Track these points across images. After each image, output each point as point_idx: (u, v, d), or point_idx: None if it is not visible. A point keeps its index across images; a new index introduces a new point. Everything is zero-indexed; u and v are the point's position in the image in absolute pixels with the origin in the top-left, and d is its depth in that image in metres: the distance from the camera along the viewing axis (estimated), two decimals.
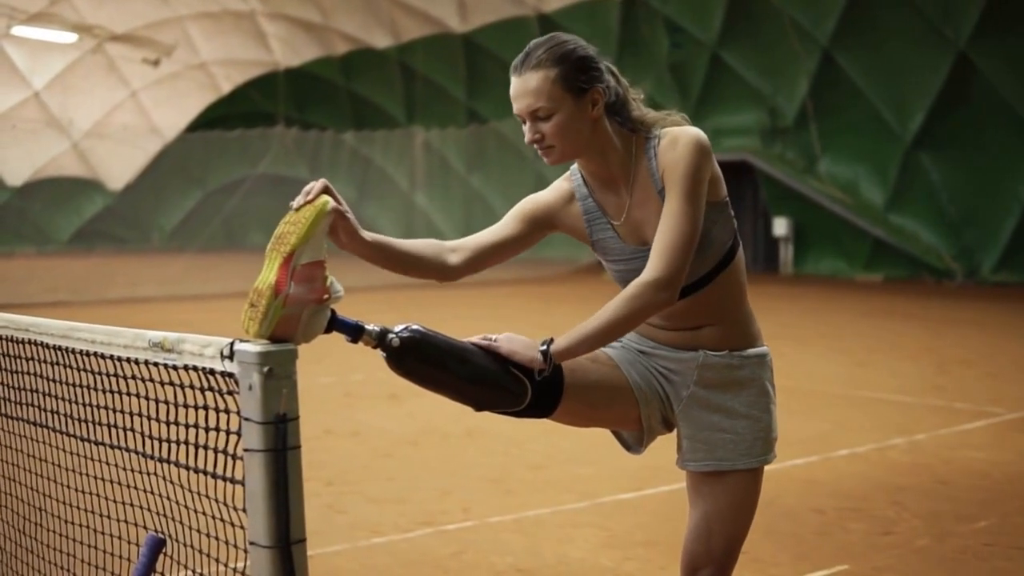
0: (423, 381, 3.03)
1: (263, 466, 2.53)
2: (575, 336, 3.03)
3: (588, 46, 3.10)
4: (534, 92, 3.04)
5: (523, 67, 3.06)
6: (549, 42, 3.07)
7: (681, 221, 2.99)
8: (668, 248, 2.98)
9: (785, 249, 27.28)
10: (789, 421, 9.10)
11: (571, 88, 3.03)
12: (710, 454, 3.28)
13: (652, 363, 3.33)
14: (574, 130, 3.07)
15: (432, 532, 6.26)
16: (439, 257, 3.18)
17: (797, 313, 18.53)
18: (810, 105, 26.20)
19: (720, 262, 3.18)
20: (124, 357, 2.99)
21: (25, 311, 14.84)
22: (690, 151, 3.03)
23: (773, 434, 3.32)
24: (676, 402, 3.31)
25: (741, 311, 3.29)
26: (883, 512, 6.55)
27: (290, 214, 2.80)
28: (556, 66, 3.02)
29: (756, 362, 3.29)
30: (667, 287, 2.97)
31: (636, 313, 2.99)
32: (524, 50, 3.09)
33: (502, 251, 3.27)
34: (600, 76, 3.08)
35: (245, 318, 2.68)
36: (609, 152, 3.14)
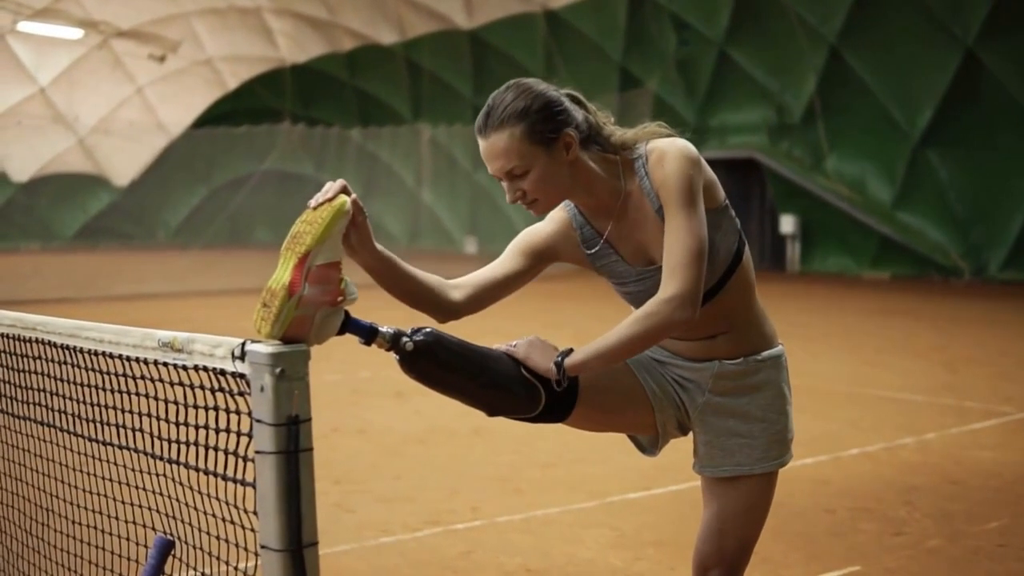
0: (436, 385, 2.99)
1: (275, 468, 2.50)
2: (591, 351, 2.98)
3: (548, 89, 3.01)
4: (503, 153, 2.97)
5: (486, 128, 2.98)
6: (507, 97, 2.97)
7: (686, 236, 2.92)
8: (680, 265, 2.91)
9: (792, 247, 27.22)
10: (798, 420, 8.98)
11: (540, 141, 2.95)
12: (727, 459, 3.24)
13: (667, 371, 3.30)
14: (553, 180, 3.00)
15: (441, 531, 6.23)
16: (442, 292, 3.09)
17: (804, 311, 18.47)
18: (817, 102, 26.13)
19: (728, 268, 3.13)
20: (133, 357, 2.95)
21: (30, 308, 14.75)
22: (679, 165, 2.97)
23: (789, 435, 3.29)
24: (692, 408, 3.28)
25: (754, 312, 3.25)
26: (894, 512, 6.51)
27: (307, 212, 2.75)
28: (520, 122, 2.94)
29: (772, 364, 3.26)
30: (686, 304, 2.91)
31: (656, 331, 2.93)
32: (484, 108, 3.00)
33: (505, 287, 3.20)
34: (567, 118, 2.99)
35: (257, 318, 2.64)
36: (595, 185, 3.07)
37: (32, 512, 3.72)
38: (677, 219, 2.94)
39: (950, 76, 23.77)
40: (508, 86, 3.02)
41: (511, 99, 2.96)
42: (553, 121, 2.96)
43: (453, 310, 3.12)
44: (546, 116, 2.95)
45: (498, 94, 3.00)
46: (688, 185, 2.95)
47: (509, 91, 2.99)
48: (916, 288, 22.68)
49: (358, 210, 2.76)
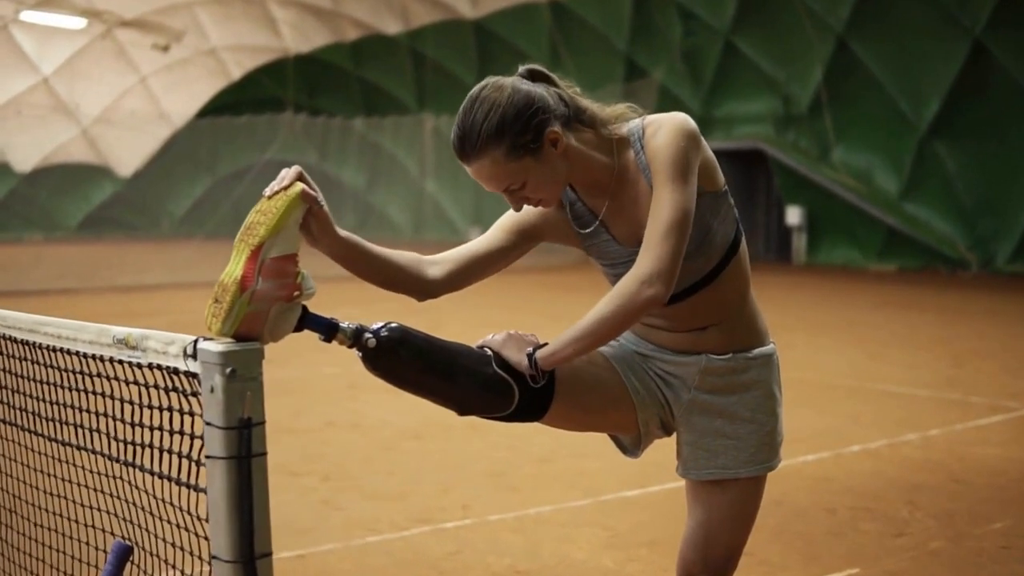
0: (401, 383, 2.83)
1: (225, 474, 2.38)
2: (562, 340, 2.81)
3: (515, 92, 2.78)
4: (491, 176, 2.81)
5: (466, 157, 2.80)
6: (477, 118, 2.76)
7: (669, 209, 2.74)
8: (657, 239, 2.74)
9: (798, 238, 27.03)
10: (800, 415, 8.93)
11: (525, 153, 2.77)
12: (712, 461, 3.07)
13: (651, 366, 3.12)
14: (551, 177, 2.84)
15: (430, 530, 6.07)
16: (417, 270, 2.94)
17: (809, 303, 18.32)
18: (824, 93, 25.94)
19: (724, 256, 2.95)
20: (90, 354, 2.81)
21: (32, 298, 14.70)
22: (674, 135, 2.79)
23: (779, 438, 3.12)
24: (676, 407, 3.10)
25: (747, 307, 3.07)
26: (896, 512, 6.34)
27: (261, 202, 2.60)
28: (498, 143, 2.75)
29: (762, 363, 3.08)
30: (657, 281, 2.72)
31: (626, 313, 2.75)
32: (456, 132, 2.80)
33: (487, 264, 3.04)
34: (546, 117, 2.79)
35: (208, 314, 2.49)
36: (591, 165, 2.89)
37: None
38: (663, 191, 2.77)
39: (958, 67, 23.59)
40: (472, 101, 2.79)
41: (482, 119, 2.75)
42: (532, 128, 2.76)
43: (431, 288, 2.97)
44: (523, 126, 2.76)
45: (465, 117, 2.79)
46: (680, 157, 2.77)
47: (476, 110, 2.77)
48: (923, 280, 22.50)
49: (313, 201, 2.59)
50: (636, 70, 29.68)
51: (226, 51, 40.18)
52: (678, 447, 3.15)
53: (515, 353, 2.85)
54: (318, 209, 2.63)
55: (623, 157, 2.90)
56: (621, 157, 2.90)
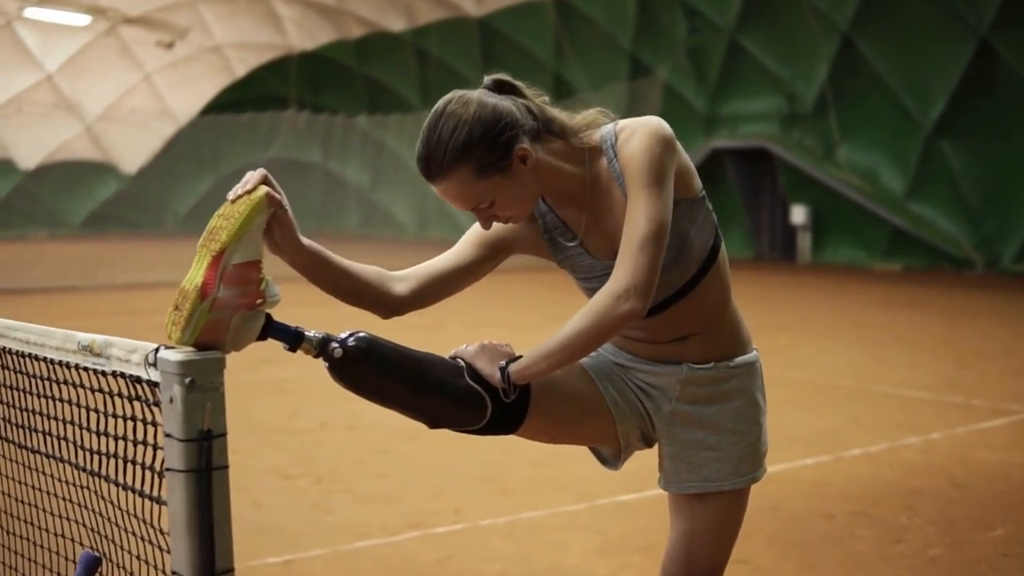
0: (369, 394, 2.74)
1: (185, 487, 2.32)
2: (535, 354, 2.71)
3: (480, 107, 2.66)
4: (459, 196, 2.71)
5: (431, 177, 2.69)
6: (442, 136, 2.64)
7: (644, 220, 2.63)
8: (632, 251, 2.63)
9: (803, 237, 26.90)
10: (800, 418, 8.85)
11: (493, 170, 2.66)
12: (695, 474, 2.97)
13: (630, 376, 3.01)
14: (521, 194, 2.73)
15: (420, 535, 5.99)
16: (382, 286, 2.83)
17: (813, 303, 18.22)
18: (829, 91, 25.81)
19: (703, 265, 2.85)
20: (56, 360, 2.74)
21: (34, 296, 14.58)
22: (648, 141, 2.68)
23: (763, 448, 3.02)
24: (657, 418, 3.00)
25: (728, 315, 2.97)
26: (895, 518, 6.23)
27: (224, 206, 2.51)
28: (465, 162, 2.63)
29: (745, 371, 2.98)
30: (633, 296, 2.61)
31: (601, 329, 2.65)
32: (420, 152, 2.68)
33: (455, 280, 2.94)
34: (514, 133, 2.67)
35: (168, 322, 2.40)
36: (562, 177, 2.78)
37: None
38: (637, 200, 2.65)
39: (963, 66, 23.45)
40: (437, 118, 2.67)
41: (447, 138, 2.63)
42: (500, 145, 2.65)
43: (396, 305, 2.86)
44: (491, 144, 2.64)
45: (429, 135, 2.67)
46: (655, 164, 2.66)
47: (441, 127, 2.65)
48: (927, 280, 22.37)
49: (276, 203, 2.50)
50: (641, 68, 29.56)
51: (230, 48, 40.12)
52: (660, 460, 3.05)
53: (488, 365, 2.76)
54: (283, 214, 2.53)
55: (595, 166, 2.79)
56: (593, 166, 2.79)
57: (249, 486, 6.99)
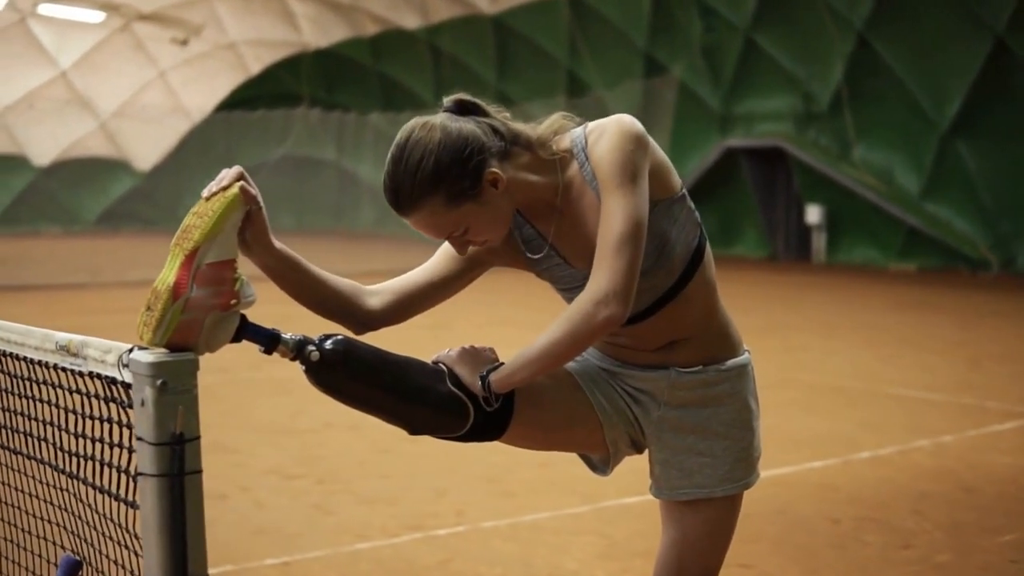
0: (347, 399, 2.66)
1: (156, 493, 2.27)
2: (515, 363, 2.64)
3: (446, 133, 2.57)
4: (432, 227, 2.63)
5: (401, 208, 2.61)
6: (409, 167, 2.56)
7: (619, 220, 2.54)
8: (609, 255, 2.54)
9: (818, 237, 26.77)
10: (810, 420, 8.76)
11: (464, 198, 2.58)
12: (686, 480, 2.89)
13: (618, 381, 2.93)
14: (494, 218, 2.65)
15: (421, 537, 5.91)
16: (355, 298, 2.76)
17: (827, 304, 18.09)
18: (845, 91, 25.67)
19: (688, 266, 2.77)
20: (35, 360, 2.68)
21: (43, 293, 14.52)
22: (617, 139, 2.59)
23: (756, 453, 2.94)
24: (646, 424, 2.91)
25: (717, 317, 2.88)
26: (903, 523, 6.14)
27: (199, 203, 2.45)
28: (435, 192, 2.55)
29: (736, 374, 2.89)
30: (613, 301, 2.52)
31: (581, 336, 2.56)
32: (388, 185, 2.61)
33: (430, 295, 2.86)
34: (483, 158, 2.58)
35: (140, 323, 2.34)
36: (535, 187, 2.70)
37: None
38: (611, 201, 2.57)
39: (979, 65, 23.30)
40: (401, 149, 2.58)
41: (413, 168, 2.54)
42: (468, 172, 2.56)
43: (369, 320, 2.80)
44: (460, 172, 2.55)
45: (396, 165, 2.58)
46: (626, 162, 2.57)
47: (407, 159, 2.56)
48: (942, 281, 22.23)
49: (252, 201, 2.43)
50: (655, 67, 29.43)
51: (245, 45, 40.09)
52: (650, 466, 2.97)
53: (469, 372, 2.68)
54: (256, 212, 2.46)
55: (567, 172, 2.71)
56: (565, 173, 2.71)
57: (251, 486, 6.93)
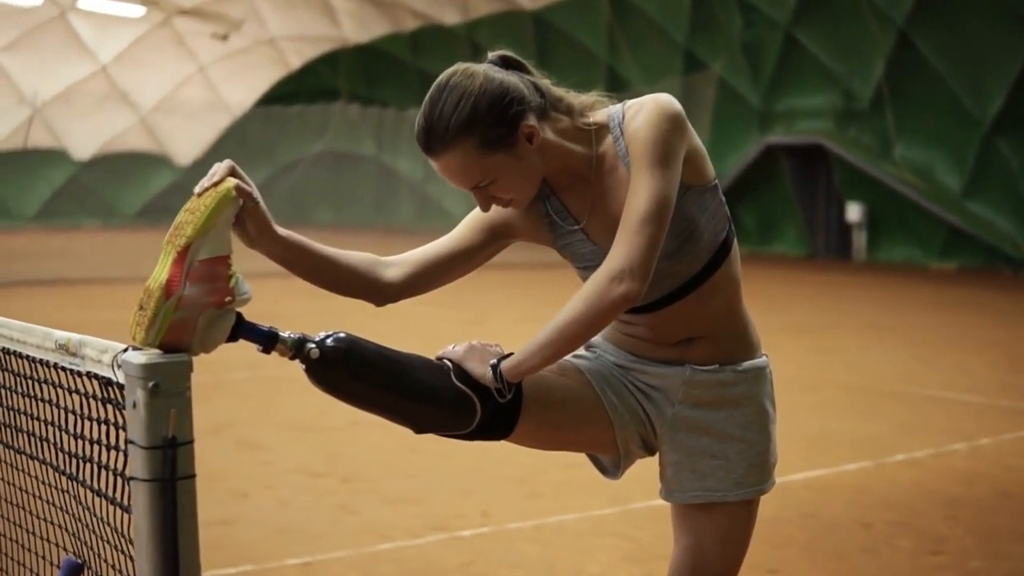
0: (349, 398, 2.58)
1: (148, 498, 2.18)
2: (528, 348, 2.54)
3: (487, 80, 2.52)
4: (460, 172, 2.56)
5: (432, 149, 2.54)
6: (445, 109, 2.50)
7: (645, 197, 2.46)
8: (630, 230, 2.46)
9: (858, 235, 26.59)
10: (846, 422, 8.64)
11: (497, 146, 2.51)
12: (698, 483, 2.79)
13: (631, 378, 2.83)
14: (524, 175, 2.58)
15: (445, 539, 5.84)
16: (371, 272, 2.69)
17: (866, 303, 17.92)
18: (886, 88, 25.48)
19: (713, 258, 2.67)
20: (36, 358, 2.62)
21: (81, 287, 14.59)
22: (655, 117, 2.51)
23: (771, 459, 2.83)
24: (659, 423, 2.82)
25: (739, 316, 2.79)
26: (935, 528, 6.02)
27: (191, 200, 2.38)
28: (469, 135, 2.49)
29: (753, 377, 2.79)
30: (628, 277, 2.44)
31: (596, 313, 2.47)
32: (421, 124, 2.55)
33: (452, 266, 2.78)
34: (521, 109, 2.52)
35: (132, 322, 2.27)
36: (569, 155, 2.63)
37: None
38: (639, 178, 2.49)
39: (1021, 62, 23.07)
40: (440, 89, 2.54)
41: (450, 110, 2.49)
42: (506, 120, 2.50)
43: (388, 292, 2.72)
44: (497, 117, 2.49)
45: (432, 107, 2.53)
46: (660, 141, 2.49)
47: (445, 99, 2.51)
48: (983, 280, 22.01)
49: (246, 196, 2.36)
50: (695, 63, 29.31)
51: (285, 40, 40.16)
52: (661, 468, 2.87)
53: (478, 365, 2.58)
54: (253, 207, 2.40)
55: (601, 145, 2.64)
56: (600, 145, 2.64)
57: (275, 484, 6.89)
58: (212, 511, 6.31)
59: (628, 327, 2.79)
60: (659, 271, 2.57)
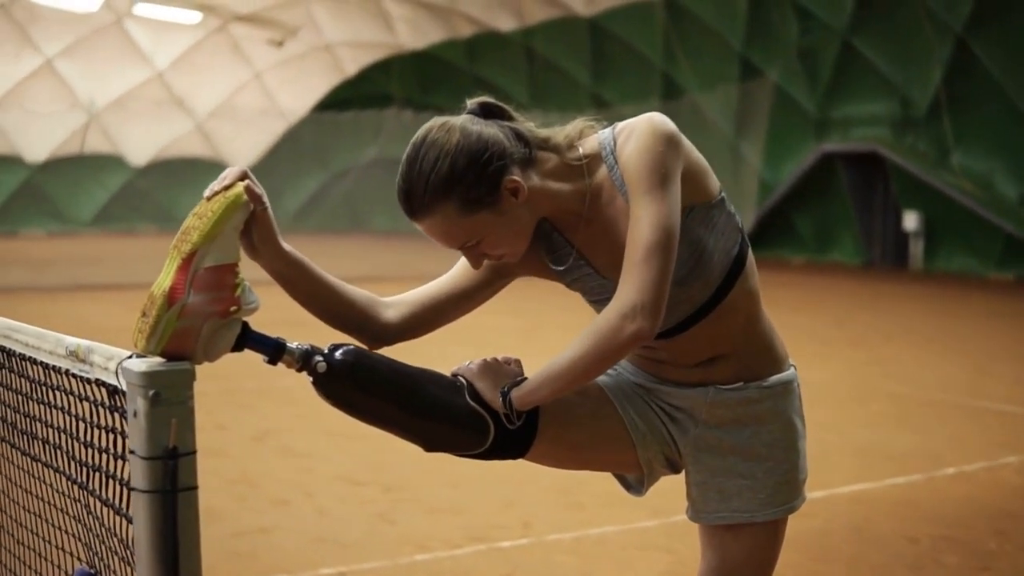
0: (358, 413, 2.50)
1: (149, 509, 2.12)
2: (538, 379, 2.46)
3: (465, 135, 2.43)
4: (444, 235, 2.47)
5: (414, 213, 2.45)
6: (423, 168, 2.41)
7: (648, 228, 2.36)
8: (637, 265, 2.36)
9: (915, 244, 26.27)
10: (895, 434, 8.50)
11: (479, 206, 2.42)
12: (724, 504, 2.69)
13: (653, 398, 2.74)
14: (512, 230, 2.49)
15: (483, 549, 5.76)
16: (369, 310, 2.60)
17: (921, 313, 17.69)
18: (943, 94, 25.18)
19: (727, 276, 2.57)
20: (50, 364, 2.57)
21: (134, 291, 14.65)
22: (647, 140, 2.41)
23: (801, 476, 2.73)
24: (683, 443, 2.72)
25: (761, 330, 2.68)
26: (983, 543, 5.88)
27: (200, 204, 2.30)
28: (448, 198, 2.40)
29: (780, 392, 2.68)
30: (640, 315, 2.35)
31: (607, 352, 2.39)
32: (401, 186, 2.46)
33: (451, 307, 2.70)
34: (502, 164, 2.43)
35: (135, 329, 2.20)
36: (560, 196, 2.53)
37: None
38: (639, 207, 2.39)
39: None
40: (417, 148, 2.44)
41: (428, 170, 2.40)
42: (486, 177, 2.41)
43: (383, 332, 2.63)
44: (476, 176, 2.40)
45: (410, 166, 2.44)
46: (654, 164, 2.39)
47: (422, 158, 2.42)
48: None
49: (256, 200, 2.28)
50: (751, 70, 29.08)
51: (341, 47, 40.23)
52: (687, 488, 2.77)
53: (489, 388, 2.51)
54: (261, 212, 2.31)
55: (595, 177, 2.53)
56: (593, 177, 2.53)
57: (316, 492, 6.83)
58: (251, 519, 6.28)
59: (648, 351, 2.70)
60: (673, 297, 2.48)
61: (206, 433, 8.28)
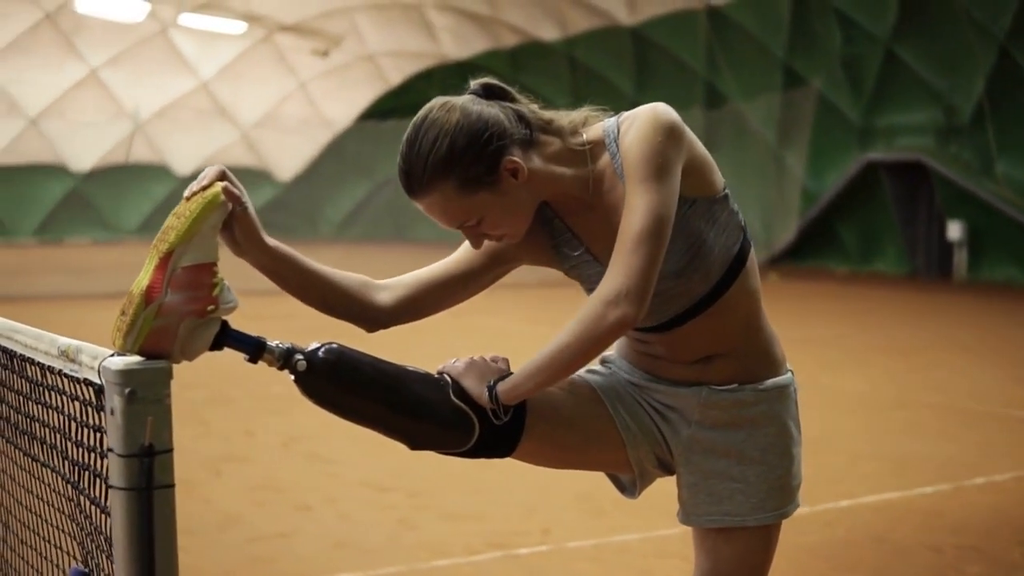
0: (341, 411, 2.49)
1: (125, 506, 2.12)
2: (524, 372, 2.44)
3: (465, 114, 2.43)
4: (443, 213, 2.47)
5: (413, 191, 2.45)
6: (422, 148, 2.42)
7: (640, 215, 2.35)
8: (625, 252, 2.35)
9: (959, 254, 26.07)
10: (925, 443, 8.43)
11: (478, 185, 2.42)
12: (715, 507, 2.67)
13: (646, 397, 2.72)
14: (511, 211, 2.48)
15: (502, 556, 5.76)
16: (362, 294, 2.59)
17: (963, 323, 17.54)
18: (987, 104, 24.99)
19: (727, 272, 2.55)
20: (46, 364, 2.60)
21: None
22: (647, 130, 2.40)
23: (795, 481, 2.70)
24: (675, 444, 2.70)
25: (760, 331, 2.66)
26: (1007, 554, 5.82)
27: (181, 203, 2.32)
28: (447, 176, 2.40)
29: (775, 395, 2.66)
30: (624, 301, 2.32)
31: (591, 339, 2.36)
32: (401, 164, 2.46)
33: (449, 291, 2.68)
34: (502, 145, 2.43)
35: (113, 327, 2.22)
36: (562, 180, 2.52)
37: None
38: (634, 194, 2.38)
39: None
40: (417, 128, 2.45)
41: (428, 149, 2.40)
42: (486, 157, 2.41)
43: (378, 317, 2.62)
44: (475, 156, 2.40)
45: (410, 145, 2.44)
46: (652, 153, 2.38)
47: (422, 137, 2.42)
48: None
49: (235, 200, 2.29)
50: (794, 78, 28.98)
51: (385, 57, 40.40)
52: (678, 489, 2.76)
53: (475, 384, 2.49)
54: (241, 212, 2.32)
55: (598, 164, 2.53)
56: (596, 164, 2.53)
57: (339, 497, 6.85)
58: (273, 523, 6.30)
59: (644, 346, 2.69)
60: (670, 289, 2.48)
61: (233, 440, 8.37)
